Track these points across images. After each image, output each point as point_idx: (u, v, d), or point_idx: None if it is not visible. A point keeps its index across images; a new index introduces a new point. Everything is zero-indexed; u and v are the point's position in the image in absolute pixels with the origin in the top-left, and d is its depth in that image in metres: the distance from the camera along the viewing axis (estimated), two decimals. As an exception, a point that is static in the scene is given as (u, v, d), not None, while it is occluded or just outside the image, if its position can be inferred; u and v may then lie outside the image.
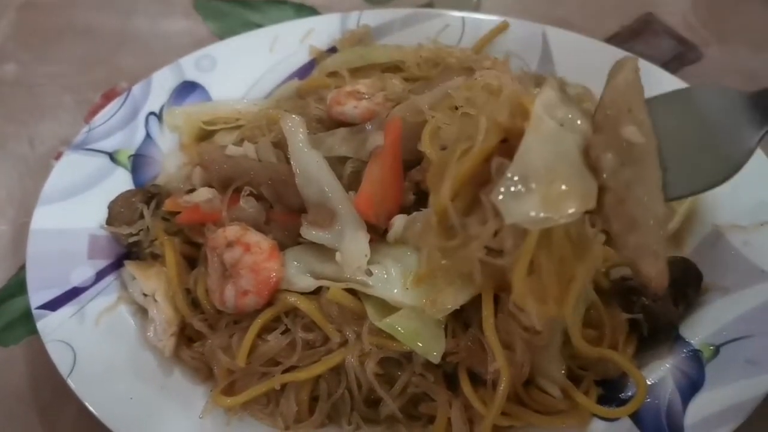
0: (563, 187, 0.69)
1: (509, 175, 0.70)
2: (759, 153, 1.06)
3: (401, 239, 0.91)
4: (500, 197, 0.69)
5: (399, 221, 0.92)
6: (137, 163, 1.18)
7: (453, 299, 0.87)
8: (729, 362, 0.91)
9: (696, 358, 0.93)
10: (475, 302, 0.88)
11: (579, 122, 0.75)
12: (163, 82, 1.25)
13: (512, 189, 0.69)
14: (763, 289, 0.95)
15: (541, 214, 0.68)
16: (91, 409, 0.90)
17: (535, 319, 0.74)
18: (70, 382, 0.92)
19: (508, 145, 0.75)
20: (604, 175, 0.72)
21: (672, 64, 1.41)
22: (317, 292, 0.94)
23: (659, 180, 0.74)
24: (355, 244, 0.91)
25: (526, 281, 0.73)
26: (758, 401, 0.85)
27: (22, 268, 1.13)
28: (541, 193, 0.69)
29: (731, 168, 0.77)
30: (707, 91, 0.79)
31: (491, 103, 0.78)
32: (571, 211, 0.69)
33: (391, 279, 0.90)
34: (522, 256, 0.72)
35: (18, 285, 1.15)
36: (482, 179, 0.77)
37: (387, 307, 0.90)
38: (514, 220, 0.69)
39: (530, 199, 0.68)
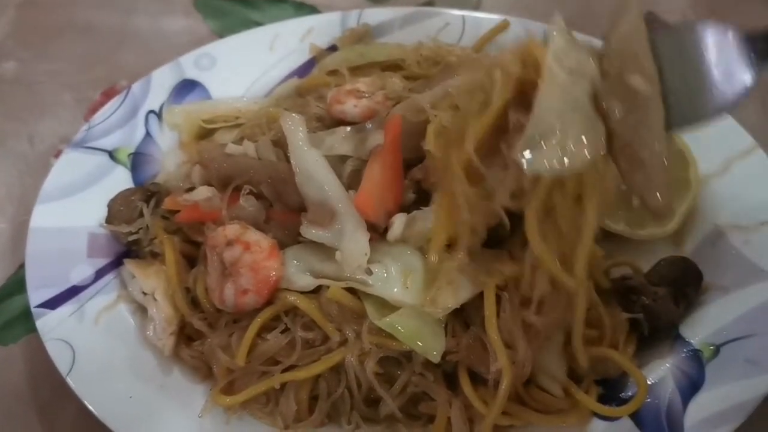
0: (577, 137, 0.75)
1: (528, 133, 0.74)
2: (760, 154, 1.06)
3: (401, 238, 0.91)
4: (520, 155, 0.74)
5: (399, 220, 0.91)
6: (137, 161, 1.18)
7: (454, 298, 0.87)
8: (729, 362, 0.90)
9: (696, 357, 0.92)
10: (476, 301, 0.88)
11: (587, 68, 0.79)
12: (162, 80, 1.25)
13: (531, 146, 0.74)
14: (763, 288, 0.95)
15: (557, 165, 0.74)
16: (90, 408, 0.90)
17: (550, 268, 0.79)
18: (70, 381, 0.92)
19: (521, 92, 0.79)
20: (612, 123, 0.77)
21: (672, 63, 1.41)
22: (317, 291, 0.94)
23: (662, 120, 0.78)
24: (354, 243, 0.90)
25: (541, 224, 0.79)
26: (759, 401, 0.85)
27: (22, 267, 1.13)
28: (557, 146, 0.74)
29: (726, 105, 0.79)
30: (707, 26, 0.80)
31: (503, 55, 0.81)
32: (585, 158, 0.75)
33: (391, 278, 0.90)
34: (535, 195, 0.78)
35: (17, 283, 1.15)
36: (499, 128, 0.81)
37: (387, 306, 0.90)
38: (534, 172, 0.74)
39: (548, 152, 0.74)
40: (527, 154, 0.74)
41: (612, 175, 0.80)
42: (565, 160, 0.73)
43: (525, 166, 0.74)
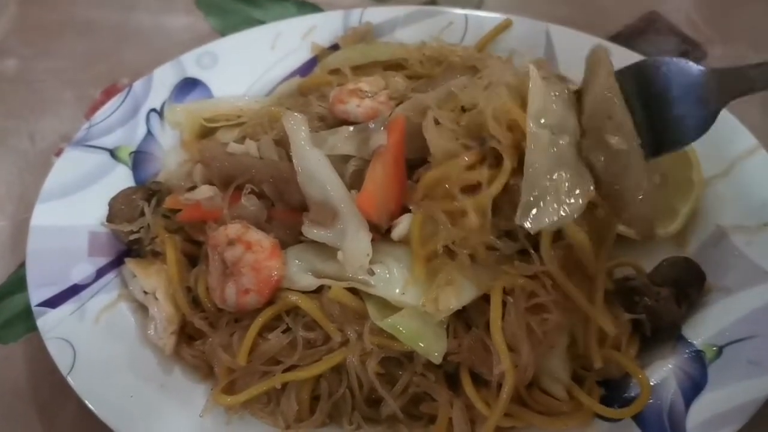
0: (569, 189, 0.83)
1: (524, 200, 0.82)
2: (763, 154, 1.06)
3: (404, 239, 0.91)
4: (522, 219, 0.82)
5: (405, 221, 0.91)
6: (138, 159, 1.18)
7: (456, 299, 0.87)
8: (732, 363, 0.90)
9: (699, 358, 0.92)
10: (478, 303, 0.88)
11: (569, 122, 0.87)
12: (164, 78, 1.24)
13: (530, 210, 0.82)
14: (766, 289, 0.95)
15: (556, 218, 0.82)
16: (90, 407, 0.90)
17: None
18: (70, 380, 0.92)
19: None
20: (597, 171, 0.85)
21: (675, 63, 1.40)
22: (319, 291, 0.93)
23: (642, 161, 0.85)
24: (357, 243, 0.90)
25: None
26: (761, 402, 0.85)
27: (22, 265, 1.13)
28: (553, 202, 0.82)
29: (694, 136, 0.87)
30: (673, 64, 0.87)
31: (486, 116, 0.88)
32: (579, 206, 0.83)
33: (392, 278, 0.90)
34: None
35: (18, 282, 1.15)
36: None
37: (388, 307, 0.90)
38: (538, 230, 0.83)
39: (546, 210, 0.82)
40: (528, 217, 0.82)
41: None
42: (562, 212, 0.82)
43: (529, 228, 0.82)
